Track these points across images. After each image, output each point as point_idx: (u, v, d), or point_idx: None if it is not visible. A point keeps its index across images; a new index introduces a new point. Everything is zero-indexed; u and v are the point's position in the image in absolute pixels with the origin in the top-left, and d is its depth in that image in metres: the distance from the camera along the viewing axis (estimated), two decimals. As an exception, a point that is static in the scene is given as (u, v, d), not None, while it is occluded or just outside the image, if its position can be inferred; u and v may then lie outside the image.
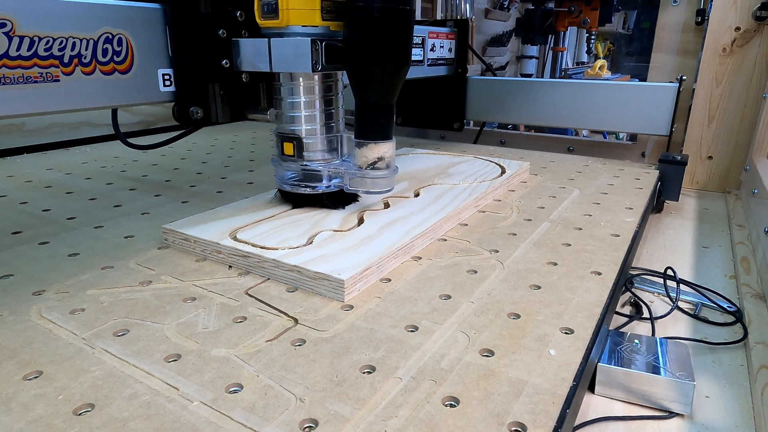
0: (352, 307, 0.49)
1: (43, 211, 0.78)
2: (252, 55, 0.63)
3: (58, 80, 0.53)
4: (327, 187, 0.67)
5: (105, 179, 0.96)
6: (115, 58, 0.57)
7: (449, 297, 0.51)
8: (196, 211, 0.69)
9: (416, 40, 1.05)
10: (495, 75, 1.43)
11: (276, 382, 0.38)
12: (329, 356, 0.41)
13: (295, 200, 0.70)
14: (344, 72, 0.63)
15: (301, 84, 0.64)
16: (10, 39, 0.49)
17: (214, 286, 0.53)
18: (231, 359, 0.41)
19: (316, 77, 0.64)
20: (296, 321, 0.46)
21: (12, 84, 0.49)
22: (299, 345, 0.43)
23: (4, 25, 0.48)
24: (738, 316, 0.59)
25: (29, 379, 0.38)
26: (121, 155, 1.17)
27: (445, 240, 0.65)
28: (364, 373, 0.39)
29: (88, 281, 0.54)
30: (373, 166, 0.62)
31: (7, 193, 0.88)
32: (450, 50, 1.21)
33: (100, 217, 0.75)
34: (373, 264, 0.53)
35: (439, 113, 1.34)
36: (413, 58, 1.06)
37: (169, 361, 0.40)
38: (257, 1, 0.60)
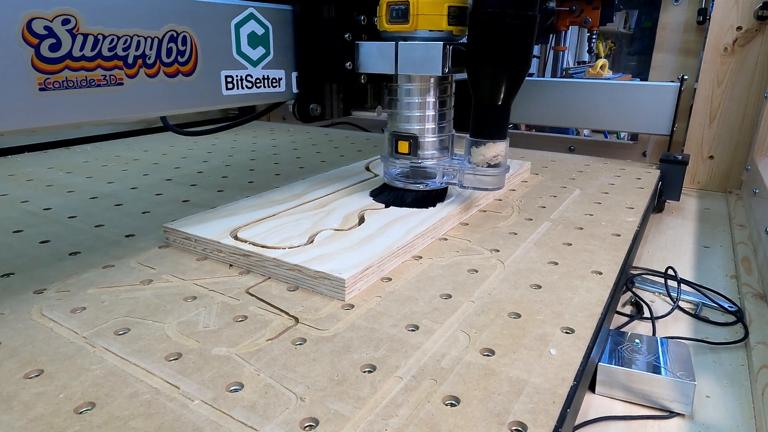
0: (352, 306, 0.49)
1: (44, 209, 0.78)
2: (376, 57, 0.66)
3: (122, 83, 0.48)
4: (440, 183, 0.71)
5: (106, 178, 0.96)
6: (179, 58, 0.53)
7: (450, 296, 0.51)
8: (196, 210, 0.69)
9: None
10: None
11: (276, 381, 0.38)
12: (330, 355, 0.41)
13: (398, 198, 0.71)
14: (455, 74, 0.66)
15: (420, 86, 0.68)
16: (74, 37, 0.44)
17: (215, 285, 0.53)
18: (232, 358, 0.41)
19: (432, 79, 0.67)
20: (297, 320, 0.46)
21: (75, 88, 0.45)
22: (300, 344, 0.43)
23: (68, 21, 0.44)
24: (739, 315, 0.59)
25: (30, 378, 0.38)
26: (122, 154, 1.18)
27: (446, 239, 0.65)
28: (364, 372, 0.39)
29: (89, 280, 0.54)
30: (488, 164, 0.65)
31: (9, 191, 0.88)
32: None
33: (101, 216, 0.75)
34: (373, 263, 0.53)
35: None
36: None
37: (170, 360, 0.40)
38: (385, 7, 0.63)
